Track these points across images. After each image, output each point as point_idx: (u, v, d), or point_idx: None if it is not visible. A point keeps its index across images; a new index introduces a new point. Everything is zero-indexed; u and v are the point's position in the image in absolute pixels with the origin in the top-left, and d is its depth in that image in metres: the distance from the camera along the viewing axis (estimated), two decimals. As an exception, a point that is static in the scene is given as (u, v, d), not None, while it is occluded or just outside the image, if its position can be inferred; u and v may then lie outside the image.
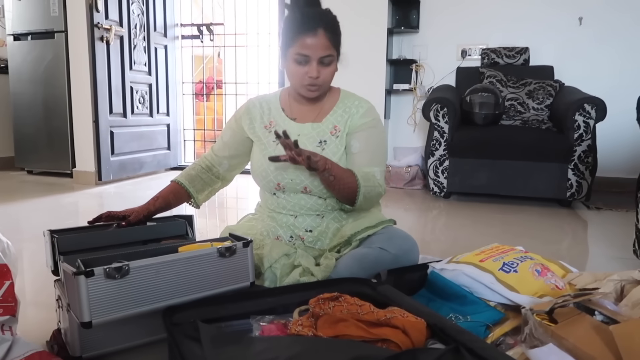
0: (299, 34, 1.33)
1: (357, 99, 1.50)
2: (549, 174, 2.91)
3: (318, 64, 1.35)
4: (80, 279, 0.92)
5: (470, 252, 1.35)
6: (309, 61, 1.35)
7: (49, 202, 3.01)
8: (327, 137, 1.44)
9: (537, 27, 3.64)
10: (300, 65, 1.35)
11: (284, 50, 1.40)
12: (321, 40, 1.33)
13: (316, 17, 1.35)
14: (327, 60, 1.36)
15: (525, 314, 0.96)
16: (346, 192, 1.35)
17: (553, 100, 3.23)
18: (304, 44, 1.33)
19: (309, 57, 1.34)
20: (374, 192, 1.38)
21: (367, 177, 1.36)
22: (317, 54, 1.34)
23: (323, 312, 0.98)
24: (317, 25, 1.33)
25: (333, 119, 1.46)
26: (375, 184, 1.38)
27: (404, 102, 4.03)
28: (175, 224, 1.41)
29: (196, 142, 4.96)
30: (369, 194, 1.36)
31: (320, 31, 1.33)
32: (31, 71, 3.83)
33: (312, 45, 1.33)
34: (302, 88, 1.39)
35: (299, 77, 1.37)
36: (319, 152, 1.40)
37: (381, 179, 1.42)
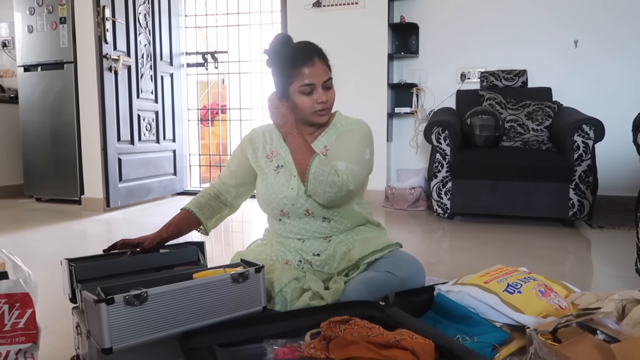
0: (297, 67, 1.41)
1: (350, 120, 1.55)
2: (550, 193, 2.95)
3: (323, 89, 1.42)
4: (102, 306, 0.96)
5: (475, 274, 1.38)
6: (315, 89, 1.42)
7: (59, 230, 3.06)
8: None
9: (534, 50, 3.73)
10: (307, 96, 1.42)
11: (284, 90, 1.45)
12: (319, 67, 1.42)
13: (306, 48, 1.45)
14: (329, 83, 1.45)
15: (530, 334, 0.99)
16: (300, 168, 1.41)
17: (552, 121, 3.29)
18: (305, 75, 1.40)
19: (314, 85, 1.41)
20: (328, 179, 1.34)
21: (325, 163, 1.37)
22: (320, 80, 1.42)
23: (334, 335, 1.02)
24: (311, 54, 1.42)
25: (324, 140, 1.52)
26: (331, 170, 1.35)
27: (406, 125, 4.10)
28: (187, 251, 1.46)
29: (201, 167, 5.02)
30: (319, 177, 1.34)
31: (315, 59, 1.42)
32: (40, 101, 3.92)
33: (313, 73, 1.40)
34: (314, 115, 1.45)
35: (309, 106, 1.43)
36: None
37: (344, 172, 1.36)
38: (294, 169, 1.46)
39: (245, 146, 1.59)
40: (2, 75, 4.84)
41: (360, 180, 1.43)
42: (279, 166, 1.51)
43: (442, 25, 3.92)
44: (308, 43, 1.47)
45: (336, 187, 1.35)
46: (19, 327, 1.04)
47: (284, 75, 1.44)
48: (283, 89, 1.45)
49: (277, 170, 1.50)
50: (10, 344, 1.00)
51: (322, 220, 1.48)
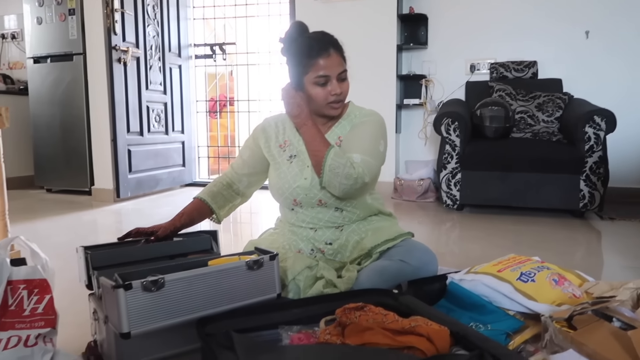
0: (313, 58, 1.40)
1: (363, 110, 1.55)
2: (560, 185, 2.94)
3: (337, 81, 1.42)
4: (120, 291, 0.97)
5: (488, 263, 1.38)
6: (329, 80, 1.41)
7: (70, 220, 3.08)
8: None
9: (545, 41, 3.70)
10: (322, 87, 1.42)
11: (299, 81, 1.45)
12: (334, 58, 1.41)
13: (322, 39, 1.44)
14: (344, 75, 1.44)
15: (545, 321, 1.00)
16: (315, 159, 1.41)
17: (563, 112, 3.27)
18: (320, 66, 1.40)
19: (329, 76, 1.41)
20: (344, 171, 1.34)
21: (340, 155, 1.36)
22: (335, 72, 1.41)
23: (349, 321, 1.02)
24: (327, 45, 1.41)
25: (338, 130, 1.51)
26: (346, 163, 1.35)
27: (415, 117, 4.08)
28: (200, 239, 1.46)
29: (210, 158, 5.04)
30: (335, 169, 1.34)
31: (331, 50, 1.41)
32: (50, 92, 3.94)
33: (328, 65, 1.40)
34: (327, 107, 1.45)
35: (323, 97, 1.42)
36: None
37: (359, 165, 1.36)
38: (307, 158, 1.46)
39: (258, 135, 1.59)
40: (12, 67, 4.86)
41: (375, 172, 1.43)
42: (292, 156, 1.51)
43: (451, 16, 3.89)
44: (324, 33, 1.47)
45: (352, 179, 1.35)
46: (38, 312, 1.05)
47: (299, 65, 1.43)
48: (297, 79, 1.45)
49: (290, 160, 1.50)
50: (30, 328, 1.02)
51: (334, 210, 1.48)
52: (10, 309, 1.02)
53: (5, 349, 0.96)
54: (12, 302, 1.03)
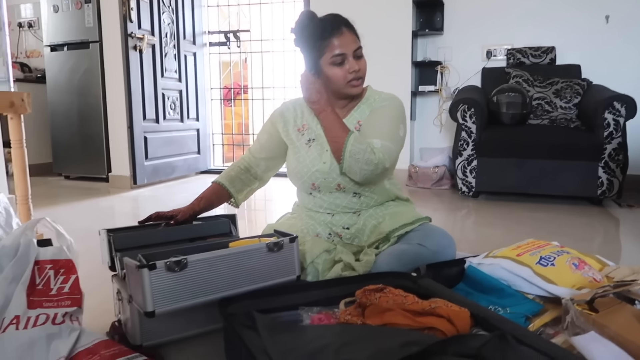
0: (326, 39, 1.40)
1: (382, 95, 1.54)
2: (578, 172, 2.91)
3: (354, 58, 1.41)
4: (144, 271, 0.99)
5: (507, 247, 1.38)
6: (346, 58, 1.41)
7: (88, 206, 3.13)
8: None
9: (563, 26, 3.63)
10: (339, 66, 1.41)
11: (315, 64, 1.45)
12: (348, 36, 1.41)
13: (332, 20, 1.43)
14: (360, 52, 1.44)
15: (566, 304, 0.99)
16: (334, 146, 1.40)
17: (581, 98, 3.22)
18: (335, 46, 1.40)
19: (345, 54, 1.40)
20: (364, 157, 1.34)
21: (360, 141, 1.36)
22: (350, 49, 1.41)
23: (370, 302, 1.03)
24: (339, 24, 1.41)
25: (357, 115, 1.51)
26: (367, 148, 1.35)
27: (430, 104, 4.05)
28: (219, 223, 1.48)
29: (224, 146, 5.06)
30: (356, 155, 1.34)
31: (343, 28, 1.41)
32: (67, 80, 3.98)
33: (343, 43, 1.40)
34: (347, 86, 1.44)
35: (342, 77, 1.42)
36: None
37: (379, 150, 1.36)
38: (326, 142, 1.46)
39: (276, 119, 1.59)
40: (29, 56, 4.92)
41: (395, 157, 1.44)
42: (310, 139, 1.51)
43: (467, 1, 3.83)
44: (334, 15, 1.46)
45: (372, 165, 1.35)
46: (64, 292, 1.08)
47: (313, 49, 1.43)
48: (314, 63, 1.44)
49: (308, 144, 1.51)
50: (57, 307, 1.04)
51: (352, 195, 1.48)
52: (38, 288, 1.05)
53: (35, 326, 0.99)
54: (40, 282, 1.06)
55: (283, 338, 0.92)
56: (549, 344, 0.88)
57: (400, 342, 0.84)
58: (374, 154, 1.34)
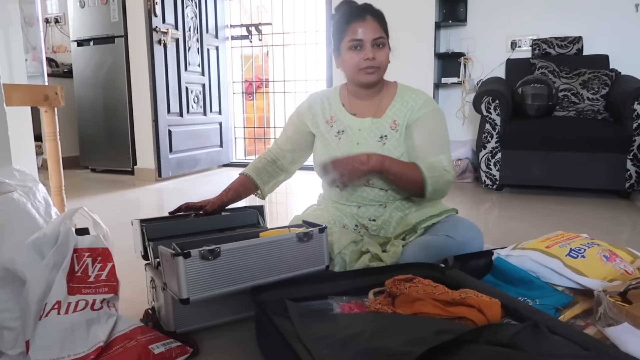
0: (349, 23, 1.42)
1: (414, 92, 1.54)
2: (606, 165, 2.86)
3: (372, 47, 1.42)
4: (179, 259, 1.02)
5: (535, 239, 1.37)
6: (363, 45, 1.41)
7: (115, 198, 3.20)
8: (387, 132, 1.48)
9: (591, 16, 3.55)
10: (355, 51, 1.42)
11: (337, 46, 1.48)
12: (370, 24, 1.41)
13: (362, 7, 1.46)
14: (380, 41, 1.42)
15: (599, 295, 0.99)
16: (411, 186, 1.41)
17: (609, 90, 3.16)
18: (355, 31, 1.41)
19: (362, 40, 1.41)
20: (443, 180, 1.40)
21: (432, 167, 1.39)
22: (369, 37, 1.41)
23: (400, 292, 1.04)
24: (365, 12, 1.43)
25: (392, 114, 1.50)
26: (441, 172, 1.40)
27: (453, 96, 4.02)
28: (248, 214, 1.51)
29: (246, 139, 5.10)
30: (437, 184, 1.39)
31: (368, 17, 1.42)
32: (93, 75, 4.06)
33: (363, 30, 1.41)
34: (360, 74, 1.44)
35: (355, 63, 1.42)
36: (380, 147, 1.45)
37: (448, 166, 1.43)
38: (355, 134, 1.48)
39: (303, 112, 1.61)
40: (56, 51, 5.01)
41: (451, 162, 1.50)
42: (339, 131, 1.52)
43: (492, -8, 3.78)
44: (365, 3, 1.48)
45: (450, 183, 1.43)
46: (101, 279, 1.11)
47: (337, 31, 1.47)
48: (336, 45, 1.48)
49: (338, 136, 1.52)
50: (95, 293, 1.08)
51: (379, 190, 1.49)
52: (77, 275, 1.08)
53: (75, 312, 1.02)
54: (79, 269, 1.09)
55: (315, 325, 0.94)
56: (582, 335, 0.88)
57: (433, 331, 0.85)
58: (448, 173, 1.41)
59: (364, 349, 0.82)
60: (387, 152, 1.44)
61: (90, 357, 0.98)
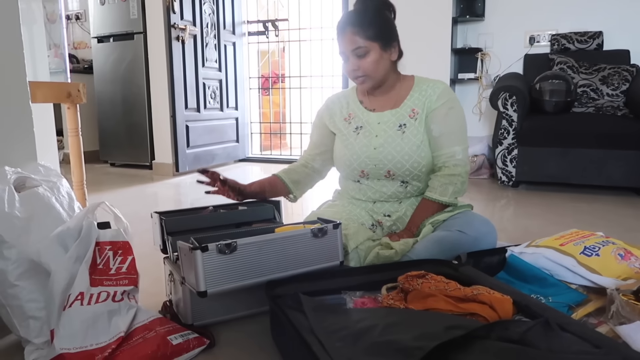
0: (336, 35, 1.50)
1: (431, 82, 1.56)
2: (625, 162, 2.82)
3: (354, 58, 1.46)
4: (197, 253, 1.05)
5: (549, 237, 1.38)
6: (347, 56, 1.47)
7: (134, 192, 3.26)
8: (406, 120, 1.51)
9: (611, 10, 3.50)
10: (344, 63, 1.50)
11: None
12: (348, 36, 1.45)
13: (347, 16, 1.49)
14: (360, 52, 1.45)
15: (612, 294, 0.99)
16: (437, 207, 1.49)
17: (630, 85, 3.11)
18: (339, 44, 1.49)
19: (345, 53, 1.48)
20: (458, 181, 1.48)
21: (444, 183, 1.46)
22: (348, 49, 1.46)
23: (412, 287, 1.06)
24: (345, 25, 1.47)
25: (410, 103, 1.53)
26: (454, 172, 1.46)
27: (469, 91, 3.99)
28: (264, 209, 1.53)
29: (262, 134, 5.14)
30: (454, 189, 1.48)
31: (347, 29, 1.45)
32: (113, 71, 4.12)
33: (342, 43, 1.47)
34: (355, 82, 1.53)
35: (347, 72, 1.52)
36: (400, 136, 1.48)
37: (463, 157, 1.49)
38: (374, 129, 1.51)
39: (322, 114, 1.66)
40: (77, 47, 5.10)
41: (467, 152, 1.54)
42: (358, 127, 1.55)
43: (510, -14, 3.74)
44: (349, 12, 1.51)
45: (464, 179, 1.50)
46: (122, 272, 1.15)
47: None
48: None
49: (356, 132, 1.54)
50: (116, 285, 1.11)
51: (400, 184, 1.51)
52: (98, 268, 1.12)
53: (97, 303, 1.06)
54: (100, 262, 1.13)
55: (329, 319, 0.96)
56: (594, 332, 0.88)
57: (445, 326, 0.87)
58: (461, 167, 1.48)
59: (376, 343, 0.84)
60: (406, 140, 1.48)
61: (112, 346, 1.01)
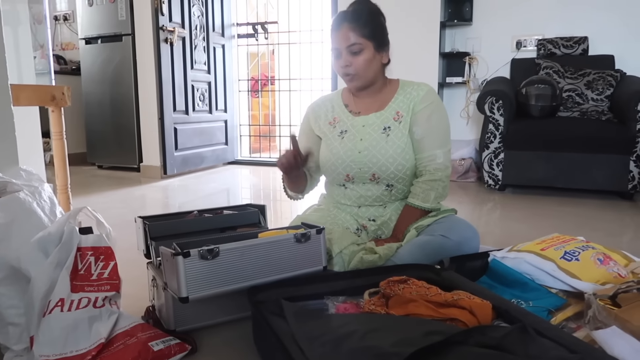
0: (331, 32, 1.50)
1: (415, 84, 1.57)
2: (609, 166, 2.86)
3: (347, 54, 1.47)
4: (179, 259, 1.05)
5: (531, 242, 1.39)
6: (340, 53, 1.48)
7: (121, 194, 3.24)
8: (390, 123, 1.52)
9: (597, 16, 3.54)
10: (336, 59, 1.51)
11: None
12: (344, 32, 1.46)
13: (343, 14, 1.50)
14: (354, 48, 1.46)
15: (589, 299, 1.01)
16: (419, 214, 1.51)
17: (614, 90, 3.15)
18: (333, 39, 1.49)
19: (338, 49, 1.48)
20: (439, 186, 1.49)
21: (425, 189, 1.48)
22: (343, 45, 1.47)
23: (393, 293, 1.07)
24: (342, 21, 1.48)
25: (395, 106, 1.54)
26: (434, 177, 1.48)
27: (457, 95, 4.02)
28: (249, 213, 1.53)
29: (251, 137, 5.13)
30: (436, 195, 1.49)
31: (344, 25, 1.47)
32: (101, 72, 4.10)
33: (337, 38, 1.48)
34: (344, 80, 1.53)
35: (337, 69, 1.52)
36: (384, 139, 1.49)
37: (444, 161, 1.51)
38: (359, 133, 1.52)
39: (309, 116, 1.66)
40: (64, 48, 5.07)
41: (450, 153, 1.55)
42: (342, 131, 1.55)
43: (498, -9, 3.78)
44: (345, 11, 1.51)
45: (445, 183, 1.51)
46: (104, 277, 1.14)
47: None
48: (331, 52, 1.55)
49: (341, 136, 1.55)
50: (98, 291, 1.11)
51: (385, 188, 1.52)
52: (80, 273, 1.11)
53: (78, 309, 1.05)
54: (82, 267, 1.12)
55: (310, 325, 0.96)
56: (570, 337, 0.90)
57: (424, 332, 0.87)
58: (441, 171, 1.49)
59: (356, 348, 0.84)
60: (391, 143, 1.49)
61: (92, 353, 1.01)
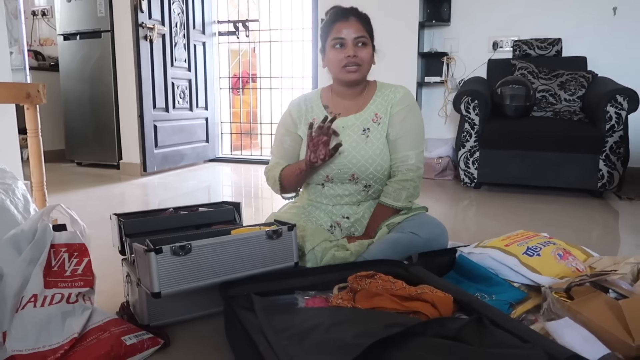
0: (334, 23, 1.51)
1: (393, 87, 1.61)
2: (580, 164, 2.94)
3: (354, 45, 1.49)
4: (151, 255, 1.07)
5: (497, 238, 1.44)
6: (345, 43, 1.49)
7: (100, 192, 3.23)
8: (370, 125, 1.55)
9: (570, 18, 3.63)
10: (338, 50, 1.50)
11: (323, 45, 1.56)
12: (353, 24, 1.50)
13: (347, 9, 1.53)
14: (362, 40, 1.50)
15: (545, 292, 1.06)
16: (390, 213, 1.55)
17: (585, 91, 3.24)
18: (338, 30, 1.50)
19: (344, 39, 1.49)
20: (411, 185, 1.53)
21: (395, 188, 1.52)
22: (351, 36, 1.49)
23: (360, 287, 1.10)
24: (349, 14, 1.51)
25: (374, 107, 1.58)
26: (406, 178, 1.52)
27: (435, 95, 4.09)
28: (224, 211, 1.56)
29: (232, 134, 5.13)
30: (407, 194, 1.53)
31: (352, 18, 1.50)
32: (80, 69, 4.07)
33: (345, 29, 1.49)
34: (342, 72, 1.51)
35: (338, 61, 1.50)
36: (364, 140, 1.52)
37: (417, 161, 1.54)
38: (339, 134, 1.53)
39: (290, 115, 1.65)
40: (42, 44, 5.01)
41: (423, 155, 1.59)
42: None
43: (475, -8, 3.85)
44: (353, 7, 1.55)
45: (416, 184, 1.55)
46: (77, 274, 1.16)
47: (324, 31, 1.55)
48: (322, 45, 1.56)
49: None
50: (71, 287, 1.13)
51: (363, 187, 1.55)
52: (53, 270, 1.13)
53: (51, 305, 1.07)
54: (55, 264, 1.14)
55: (278, 319, 1.00)
56: (525, 328, 0.94)
57: (385, 324, 0.91)
58: (413, 171, 1.53)
59: (320, 340, 0.88)
60: (370, 144, 1.52)
61: (65, 347, 1.03)
